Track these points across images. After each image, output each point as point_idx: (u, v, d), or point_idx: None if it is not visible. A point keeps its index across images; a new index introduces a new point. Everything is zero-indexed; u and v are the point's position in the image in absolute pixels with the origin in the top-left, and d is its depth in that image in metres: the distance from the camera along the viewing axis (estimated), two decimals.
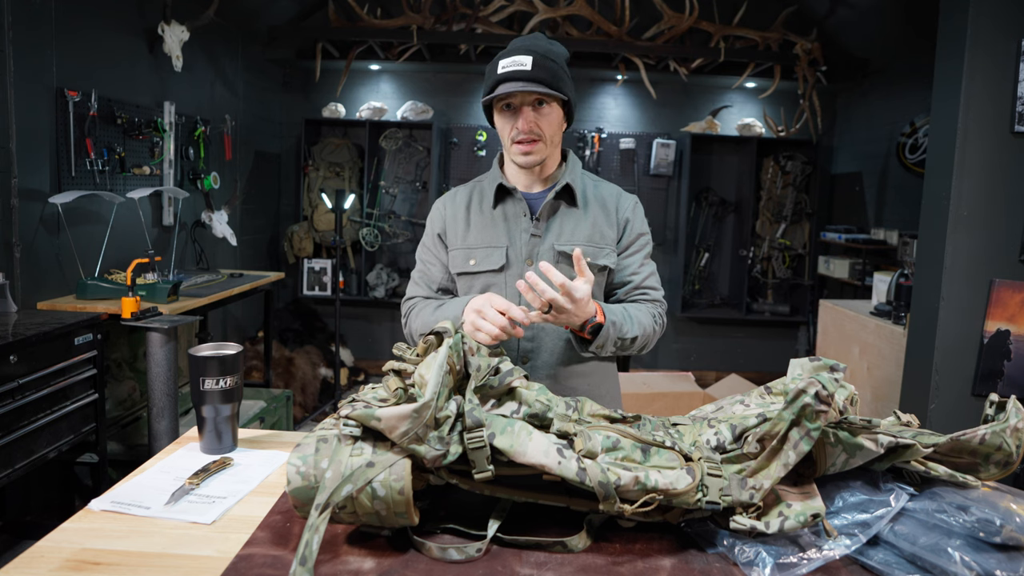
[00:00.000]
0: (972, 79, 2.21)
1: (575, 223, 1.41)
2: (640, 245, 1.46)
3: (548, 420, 0.92)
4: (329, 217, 4.72)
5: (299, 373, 4.26)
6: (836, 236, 4.40)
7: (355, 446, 0.84)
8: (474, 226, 1.44)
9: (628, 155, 4.98)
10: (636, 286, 1.45)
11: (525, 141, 1.34)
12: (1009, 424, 0.88)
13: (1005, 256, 2.24)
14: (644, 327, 1.36)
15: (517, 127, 1.33)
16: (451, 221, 1.46)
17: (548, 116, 1.34)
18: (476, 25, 4.45)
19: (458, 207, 1.47)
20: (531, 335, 1.39)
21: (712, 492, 0.84)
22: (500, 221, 1.43)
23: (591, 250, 1.39)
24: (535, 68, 1.28)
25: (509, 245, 1.40)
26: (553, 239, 1.40)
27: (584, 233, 1.40)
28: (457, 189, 1.52)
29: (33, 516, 2.53)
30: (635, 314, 1.37)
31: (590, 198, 1.44)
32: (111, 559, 0.82)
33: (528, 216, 1.41)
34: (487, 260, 1.40)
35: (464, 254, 1.43)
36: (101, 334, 2.33)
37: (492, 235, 1.42)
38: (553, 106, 1.34)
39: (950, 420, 2.31)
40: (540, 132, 1.34)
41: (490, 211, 1.43)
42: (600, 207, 1.43)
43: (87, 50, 2.78)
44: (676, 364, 5.21)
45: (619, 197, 1.47)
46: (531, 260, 1.39)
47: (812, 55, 4.45)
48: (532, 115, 1.32)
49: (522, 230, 1.41)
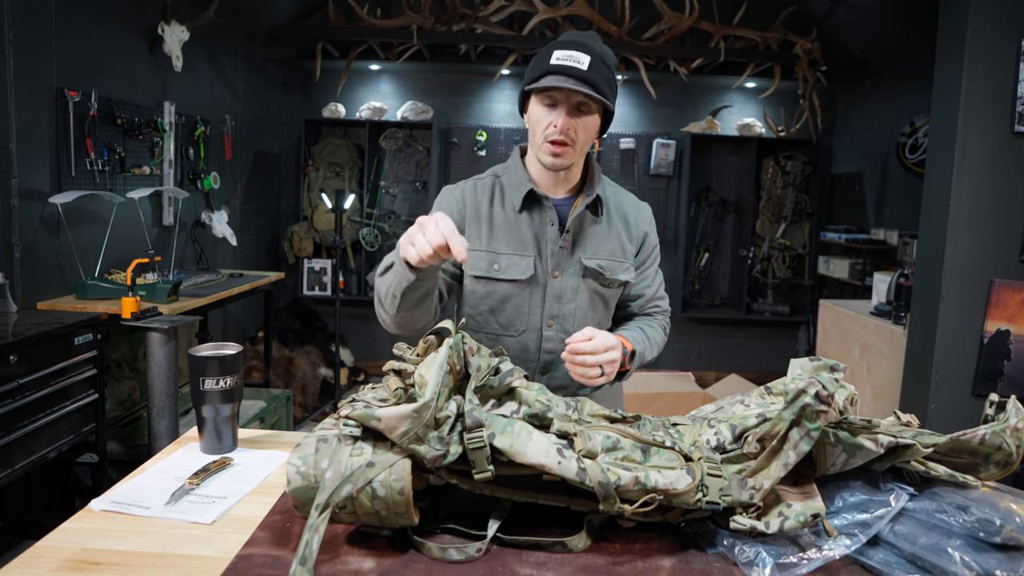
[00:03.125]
0: (972, 79, 2.21)
1: (600, 236, 1.38)
2: (654, 257, 1.47)
3: (548, 420, 0.92)
4: (329, 217, 4.72)
5: (299, 373, 4.26)
6: (836, 236, 4.40)
7: (355, 446, 0.84)
8: (499, 228, 1.36)
9: (628, 155, 4.98)
10: (649, 299, 1.46)
11: (558, 143, 1.27)
12: (1009, 424, 0.88)
13: (1005, 256, 2.24)
14: (659, 346, 1.42)
15: (555, 125, 1.26)
16: (472, 217, 1.37)
17: (587, 122, 1.28)
18: (476, 25, 4.45)
19: (480, 203, 1.38)
20: (551, 347, 1.37)
21: (712, 492, 0.84)
22: (527, 227, 1.36)
23: (613, 264, 1.38)
24: (591, 69, 1.22)
25: (537, 256, 1.35)
26: (580, 253, 1.36)
27: (608, 247, 1.38)
28: (475, 181, 1.42)
29: (33, 516, 2.53)
30: (652, 335, 1.40)
31: (612, 210, 1.41)
32: (111, 559, 0.82)
33: (556, 226, 1.35)
34: (514, 268, 1.34)
35: (488, 257, 1.35)
36: (101, 334, 2.33)
37: (519, 242, 1.35)
38: (593, 111, 1.28)
39: (950, 420, 2.31)
40: (575, 136, 1.27)
41: (515, 214, 1.36)
42: (622, 220, 1.41)
43: (87, 50, 2.78)
44: (676, 364, 5.21)
45: (638, 210, 1.44)
46: (557, 273, 1.36)
47: (812, 55, 4.45)
48: (573, 118, 1.26)
49: (549, 240, 1.35)
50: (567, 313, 1.37)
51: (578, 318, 1.37)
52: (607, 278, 1.37)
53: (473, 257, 1.36)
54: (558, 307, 1.37)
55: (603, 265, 1.36)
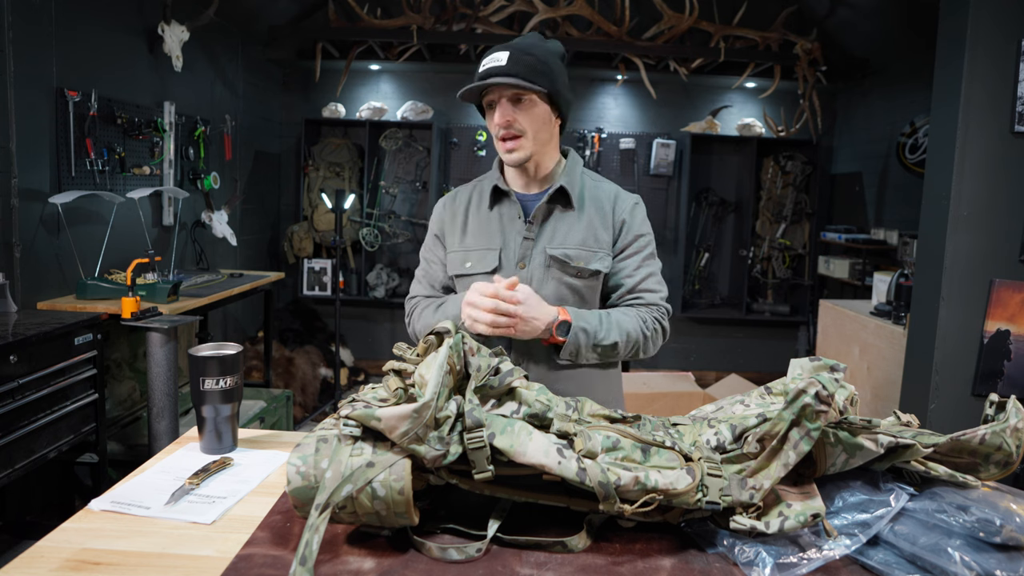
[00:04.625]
0: (972, 79, 2.20)
1: (569, 226, 1.38)
2: (638, 247, 1.41)
3: (548, 420, 0.92)
4: (329, 217, 4.72)
5: (299, 373, 4.26)
6: (836, 236, 4.40)
7: (355, 446, 0.84)
8: (471, 228, 1.43)
9: (628, 155, 4.98)
10: (630, 289, 1.40)
11: (508, 138, 1.33)
12: (1009, 424, 0.88)
13: (1005, 256, 2.24)
14: (628, 332, 1.33)
15: (498, 123, 1.32)
16: (449, 223, 1.46)
17: (529, 111, 1.32)
18: (476, 25, 4.45)
19: (457, 209, 1.46)
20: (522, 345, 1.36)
21: (712, 492, 0.84)
22: (495, 223, 1.42)
23: (583, 254, 1.36)
24: (510, 63, 1.28)
25: (503, 247, 1.39)
26: (545, 242, 1.38)
27: (578, 236, 1.38)
28: (459, 190, 1.51)
29: (33, 516, 2.53)
30: (618, 319, 1.34)
31: (587, 200, 1.41)
32: (111, 559, 0.82)
33: (522, 218, 1.40)
34: (481, 262, 1.40)
35: (460, 256, 1.43)
36: (101, 334, 2.33)
37: (487, 237, 1.41)
38: (534, 100, 1.32)
39: (950, 420, 2.31)
40: (522, 128, 1.32)
41: (487, 212, 1.43)
42: (596, 209, 1.41)
43: (87, 50, 2.78)
44: (676, 364, 5.21)
45: (616, 198, 1.43)
46: (523, 263, 1.38)
47: (812, 55, 4.45)
48: (510, 109, 1.31)
49: (516, 232, 1.39)
50: None
51: None
52: (574, 267, 1.36)
53: (451, 260, 1.44)
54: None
55: (570, 255, 1.36)
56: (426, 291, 1.51)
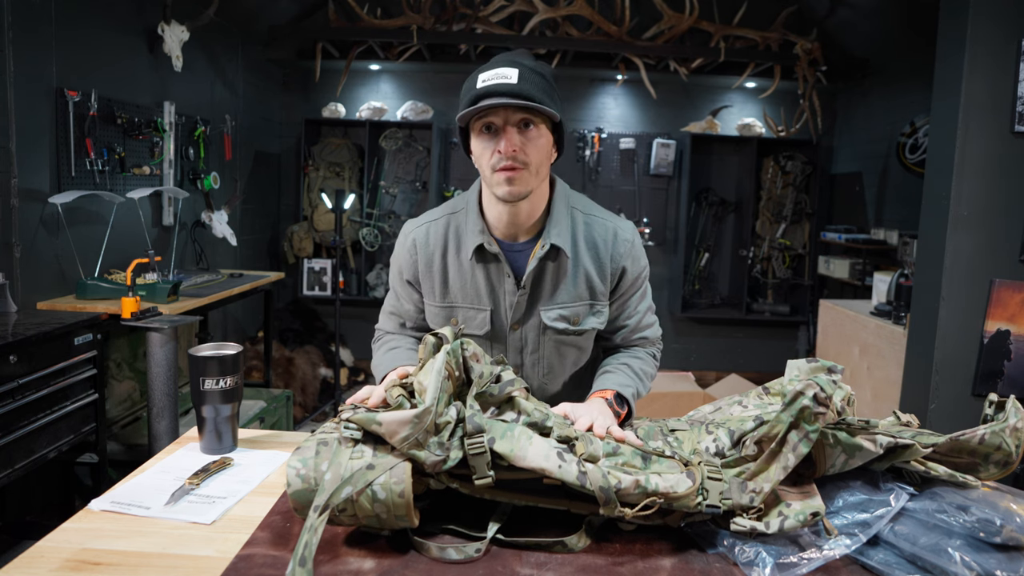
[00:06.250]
0: (972, 79, 2.20)
1: (565, 283, 1.26)
2: (637, 286, 1.33)
3: (547, 428, 0.92)
4: (329, 217, 4.72)
5: (299, 373, 4.26)
6: (836, 236, 4.40)
7: (355, 449, 0.84)
8: (453, 280, 1.28)
9: (628, 155, 4.98)
10: (633, 329, 1.36)
11: (508, 168, 1.13)
12: (1008, 424, 0.88)
13: (1005, 256, 2.24)
14: (652, 377, 1.36)
15: (500, 150, 1.12)
16: (424, 271, 1.30)
17: (536, 141, 1.14)
18: (476, 25, 4.45)
19: (432, 255, 1.29)
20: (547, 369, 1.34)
21: (712, 495, 0.84)
22: (482, 279, 1.27)
23: (579, 310, 1.28)
24: (522, 82, 1.10)
25: (494, 309, 1.28)
26: (540, 305, 1.27)
27: (573, 293, 1.27)
28: (428, 226, 1.31)
29: (33, 516, 2.52)
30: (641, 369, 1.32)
31: (581, 248, 1.26)
32: (111, 559, 0.82)
33: (512, 278, 1.25)
34: (471, 323, 1.29)
35: (444, 313, 1.30)
36: (101, 334, 2.33)
37: (474, 295, 1.28)
38: (541, 129, 1.15)
39: (950, 420, 2.31)
40: (526, 159, 1.14)
41: (469, 264, 1.26)
42: (592, 257, 1.27)
43: (87, 50, 2.77)
44: (676, 364, 5.20)
45: (614, 242, 1.28)
46: (517, 326, 1.29)
47: (812, 55, 4.45)
48: (517, 137, 1.13)
49: (507, 292, 1.26)
50: (532, 363, 1.33)
51: (543, 367, 1.33)
52: (571, 328, 1.28)
53: (430, 313, 1.33)
54: (521, 358, 1.32)
55: (566, 315, 1.27)
56: (393, 327, 1.41)
